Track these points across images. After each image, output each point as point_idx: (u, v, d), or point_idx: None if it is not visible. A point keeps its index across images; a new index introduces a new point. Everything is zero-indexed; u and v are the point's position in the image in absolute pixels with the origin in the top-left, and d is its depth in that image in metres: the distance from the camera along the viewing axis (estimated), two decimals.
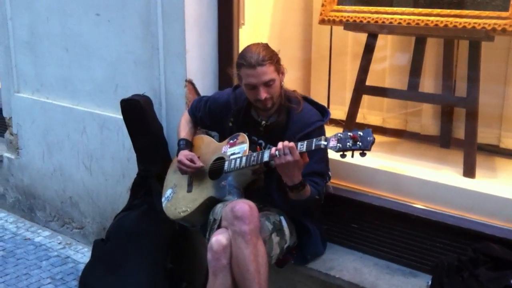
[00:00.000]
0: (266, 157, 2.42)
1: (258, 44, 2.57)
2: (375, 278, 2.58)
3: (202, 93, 3.15)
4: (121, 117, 3.28)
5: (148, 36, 3.24)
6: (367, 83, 3.13)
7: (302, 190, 2.42)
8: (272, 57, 2.53)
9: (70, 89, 3.81)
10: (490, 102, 2.97)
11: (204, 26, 3.14)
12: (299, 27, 3.76)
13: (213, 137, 2.93)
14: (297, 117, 2.62)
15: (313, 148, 2.28)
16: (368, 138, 2.17)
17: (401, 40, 3.33)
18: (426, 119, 3.30)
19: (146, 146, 3.20)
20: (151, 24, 3.19)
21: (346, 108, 3.28)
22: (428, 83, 3.20)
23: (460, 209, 2.55)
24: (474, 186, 2.61)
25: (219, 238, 2.41)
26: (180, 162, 2.74)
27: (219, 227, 2.49)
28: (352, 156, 2.21)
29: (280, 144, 2.32)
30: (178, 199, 2.82)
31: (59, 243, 3.95)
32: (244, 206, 2.40)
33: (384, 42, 3.30)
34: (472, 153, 2.73)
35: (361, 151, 2.18)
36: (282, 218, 2.63)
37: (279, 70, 2.57)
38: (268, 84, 2.51)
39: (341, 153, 2.22)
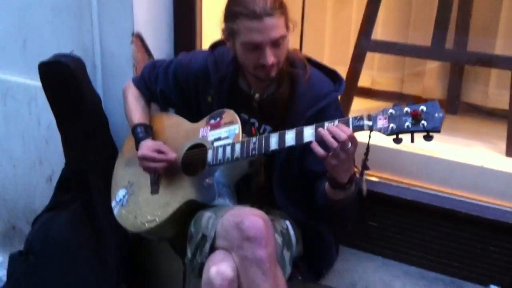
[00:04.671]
0: (273, 145, 1.74)
1: None
2: None
3: (153, 52, 2.34)
4: (33, 82, 2.55)
5: None
6: None
7: (351, 186, 1.77)
8: (282, 5, 1.79)
9: None
10: None
11: None
12: None
13: None
14: (304, 87, 1.91)
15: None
16: (436, 115, 1.54)
17: None
18: (429, 79, 2.71)
19: (79, 128, 2.34)
20: None
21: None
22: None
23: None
24: None
25: (221, 270, 1.70)
26: (144, 158, 1.96)
27: (212, 247, 1.77)
28: (412, 140, 1.58)
29: (335, 132, 1.60)
30: (137, 203, 2.05)
31: None
32: (257, 221, 1.70)
33: None
34: None
35: (426, 133, 1.55)
36: (288, 223, 1.96)
37: (288, 25, 1.83)
38: (277, 43, 1.78)
39: (395, 136, 1.59)
